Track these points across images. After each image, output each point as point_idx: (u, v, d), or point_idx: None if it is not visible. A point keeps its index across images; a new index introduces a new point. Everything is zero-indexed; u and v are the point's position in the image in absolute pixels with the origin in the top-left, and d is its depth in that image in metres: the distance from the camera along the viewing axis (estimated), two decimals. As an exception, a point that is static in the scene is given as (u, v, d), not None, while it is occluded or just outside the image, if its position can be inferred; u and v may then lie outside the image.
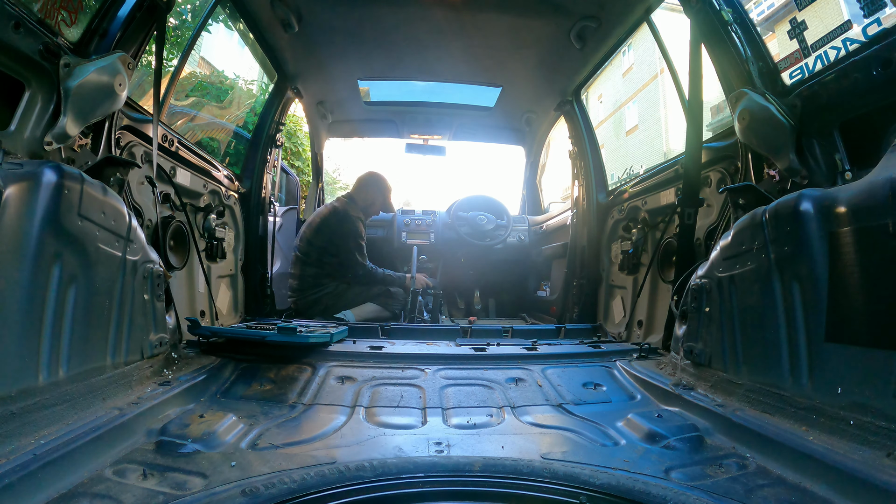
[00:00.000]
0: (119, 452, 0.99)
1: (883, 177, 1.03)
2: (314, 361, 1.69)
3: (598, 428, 1.25)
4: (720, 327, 1.43)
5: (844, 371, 1.05)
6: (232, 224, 2.59)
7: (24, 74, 1.22)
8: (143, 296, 1.43)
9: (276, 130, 2.90)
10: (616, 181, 3.03)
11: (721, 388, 1.37)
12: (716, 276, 1.47)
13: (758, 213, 1.34)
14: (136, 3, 1.47)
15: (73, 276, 1.13)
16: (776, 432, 1.06)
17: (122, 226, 1.34)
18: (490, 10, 2.28)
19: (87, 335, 1.17)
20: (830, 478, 0.90)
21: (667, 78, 2.33)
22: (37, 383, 1.00)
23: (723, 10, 1.62)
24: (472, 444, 1.14)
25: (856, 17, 1.31)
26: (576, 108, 2.97)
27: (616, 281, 2.66)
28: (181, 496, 0.84)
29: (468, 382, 1.58)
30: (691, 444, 1.13)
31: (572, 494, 0.91)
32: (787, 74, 1.52)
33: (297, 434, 1.17)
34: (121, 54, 1.40)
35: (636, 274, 2.47)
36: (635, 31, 2.36)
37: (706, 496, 0.88)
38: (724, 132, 1.84)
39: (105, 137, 1.49)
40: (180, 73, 2.20)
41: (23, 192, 1.03)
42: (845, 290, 1.07)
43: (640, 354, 1.87)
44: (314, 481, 0.91)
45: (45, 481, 0.82)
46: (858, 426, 0.98)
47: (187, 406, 1.29)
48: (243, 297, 2.70)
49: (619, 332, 2.47)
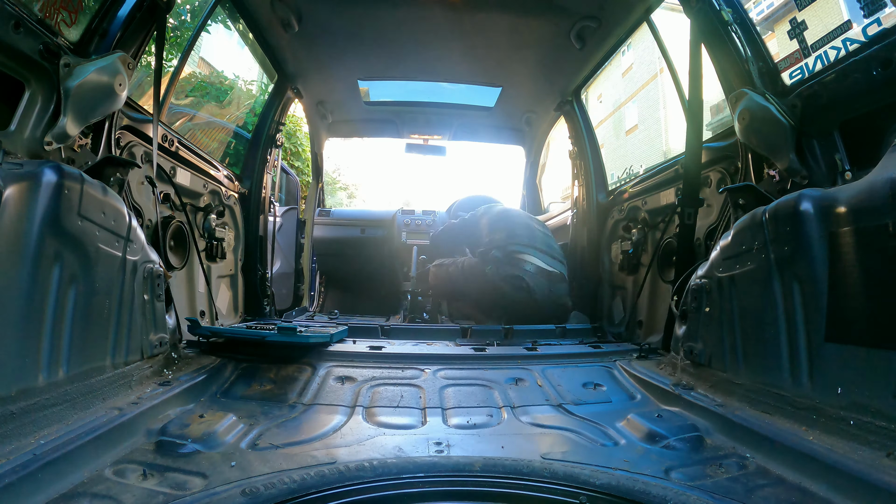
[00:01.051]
0: (119, 452, 0.99)
1: (883, 177, 1.03)
2: (314, 361, 1.69)
3: (598, 428, 1.25)
4: (720, 327, 1.43)
5: (844, 371, 1.05)
6: (232, 224, 2.59)
7: (24, 74, 1.22)
8: (143, 296, 1.43)
9: (276, 130, 2.90)
10: (616, 181, 3.03)
11: (721, 388, 1.37)
12: (716, 276, 1.47)
13: (758, 213, 1.34)
14: (136, 3, 1.47)
15: (73, 277, 1.13)
16: (776, 432, 1.06)
17: (122, 226, 1.34)
18: (490, 10, 2.28)
19: (87, 335, 1.17)
20: (830, 478, 0.90)
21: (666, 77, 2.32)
22: (37, 383, 1.00)
23: (723, 10, 1.62)
24: (472, 445, 1.14)
25: (856, 17, 1.31)
26: (576, 108, 2.97)
27: (616, 281, 2.66)
28: (181, 496, 0.84)
29: (468, 382, 1.58)
30: (691, 444, 1.13)
31: (572, 494, 0.91)
32: (787, 74, 1.52)
33: (297, 434, 1.17)
34: (121, 54, 1.40)
35: (636, 274, 2.47)
36: (635, 31, 2.36)
37: (706, 496, 0.88)
38: (724, 132, 1.84)
39: (105, 137, 1.49)
40: (180, 73, 2.20)
41: (23, 192, 1.03)
42: (845, 290, 1.07)
43: (640, 354, 1.87)
44: (314, 481, 0.91)
45: (45, 481, 0.82)
46: (858, 426, 0.98)
47: (187, 406, 1.29)
48: (243, 297, 2.70)
49: (619, 333, 2.47)
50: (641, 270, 2.41)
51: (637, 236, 2.45)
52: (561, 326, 2.49)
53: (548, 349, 1.96)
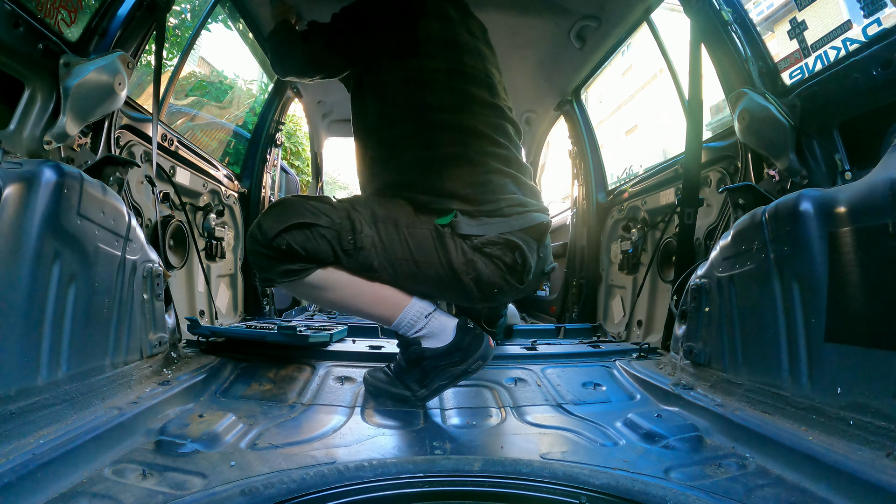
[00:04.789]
0: (118, 452, 0.99)
1: (883, 177, 1.03)
2: (314, 361, 1.69)
3: (598, 428, 1.25)
4: (720, 327, 1.43)
5: (844, 371, 1.05)
6: (231, 223, 2.59)
7: (23, 73, 1.22)
8: (142, 295, 1.43)
9: (276, 130, 2.90)
10: (616, 181, 3.03)
11: (720, 387, 1.37)
12: (715, 276, 1.47)
13: (757, 213, 1.34)
14: (136, 3, 1.47)
15: (73, 276, 1.13)
16: (776, 432, 1.06)
17: (122, 225, 1.34)
18: (490, 10, 2.28)
19: (87, 335, 1.17)
20: (830, 478, 0.90)
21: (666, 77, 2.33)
22: (36, 383, 1.00)
23: (723, 10, 1.62)
24: (472, 444, 1.14)
25: (856, 17, 1.31)
26: (576, 107, 2.97)
27: (616, 281, 2.66)
28: (180, 496, 0.83)
29: (467, 382, 1.58)
30: (691, 444, 1.13)
31: (572, 494, 0.91)
32: (787, 74, 1.52)
33: (296, 434, 1.17)
34: (120, 53, 1.40)
35: (636, 274, 2.47)
36: (635, 31, 2.36)
37: (706, 496, 0.87)
38: (724, 132, 1.84)
39: (104, 137, 1.49)
40: (180, 73, 2.20)
41: (22, 191, 1.03)
42: (845, 290, 1.07)
43: (640, 354, 1.87)
44: (314, 481, 0.91)
45: (45, 481, 0.82)
46: (858, 426, 0.98)
47: (187, 406, 1.29)
48: (243, 297, 2.70)
49: (619, 332, 2.47)
50: (641, 270, 2.41)
51: (637, 236, 2.45)
52: (560, 326, 2.49)
53: (547, 349, 1.96)
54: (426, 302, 1.37)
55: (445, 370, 1.37)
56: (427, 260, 1.27)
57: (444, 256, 1.26)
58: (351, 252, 1.26)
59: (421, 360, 1.37)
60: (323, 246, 1.25)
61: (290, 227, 1.23)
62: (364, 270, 1.30)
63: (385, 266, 1.28)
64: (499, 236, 1.26)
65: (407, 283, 1.33)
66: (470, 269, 1.26)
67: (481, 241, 1.26)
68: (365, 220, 1.27)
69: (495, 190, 1.30)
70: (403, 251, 1.27)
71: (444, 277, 1.28)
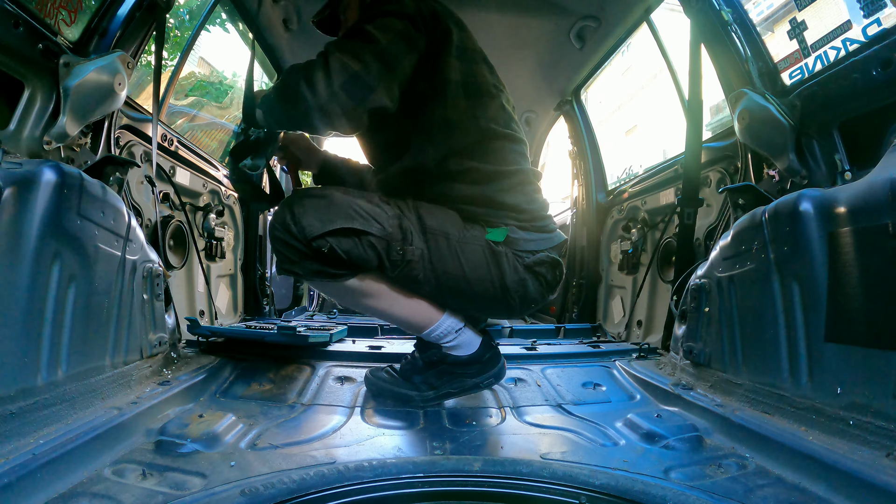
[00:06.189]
0: (118, 452, 0.99)
1: (883, 177, 1.03)
2: (313, 361, 1.69)
3: (598, 428, 1.25)
4: (720, 327, 1.43)
5: (844, 371, 1.05)
6: (231, 223, 2.59)
7: (23, 73, 1.22)
8: (142, 295, 1.43)
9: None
10: (615, 181, 3.03)
11: (720, 388, 1.37)
12: (715, 276, 1.47)
13: (757, 214, 1.34)
14: (136, 3, 1.47)
15: (73, 276, 1.13)
16: (775, 432, 1.06)
17: (122, 225, 1.34)
18: (490, 10, 2.28)
19: (87, 335, 1.17)
20: (830, 478, 0.90)
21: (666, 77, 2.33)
22: (36, 383, 1.00)
23: (723, 11, 1.62)
24: (472, 445, 1.14)
25: (856, 17, 1.31)
26: (575, 107, 2.97)
27: (615, 281, 2.66)
28: (180, 496, 0.83)
29: (468, 382, 1.58)
30: (690, 445, 1.13)
31: (572, 494, 0.91)
32: (786, 74, 1.52)
33: (296, 434, 1.17)
34: (120, 53, 1.40)
35: (636, 274, 2.47)
36: (635, 32, 2.37)
37: (705, 496, 0.87)
38: (724, 132, 1.84)
39: (104, 137, 1.49)
40: (180, 73, 2.20)
41: (22, 191, 1.03)
42: (845, 290, 1.07)
43: (640, 354, 1.87)
44: (314, 481, 0.91)
45: (44, 481, 0.82)
46: (858, 426, 0.98)
47: (186, 406, 1.29)
48: (243, 297, 2.70)
49: (619, 332, 2.47)
50: (641, 270, 2.41)
51: (636, 236, 2.45)
52: (560, 326, 2.49)
53: (547, 349, 1.96)
54: (455, 319, 1.34)
55: (459, 378, 1.36)
56: (479, 277, 1.21)
57: (498, 274, 1.22)
58: (398, 263, 1.19)
59: (440, 363, 1.36)
60: (370, 255, 1.17)
61: (337, 230, 1.14)
62: (407, 282, 1.23)
63: (430, 279, 1.21)
64: (547, 255, 1.26)
65: (449, 297, 1.27)
66: (520, 287, 1.24)
67: (533, 260, 1.24)
68: (415, 229, 1.19)
69: (542, 206, 1.30)
70: (455, 267, 1.20)
71: (492, 294, 1.24)
